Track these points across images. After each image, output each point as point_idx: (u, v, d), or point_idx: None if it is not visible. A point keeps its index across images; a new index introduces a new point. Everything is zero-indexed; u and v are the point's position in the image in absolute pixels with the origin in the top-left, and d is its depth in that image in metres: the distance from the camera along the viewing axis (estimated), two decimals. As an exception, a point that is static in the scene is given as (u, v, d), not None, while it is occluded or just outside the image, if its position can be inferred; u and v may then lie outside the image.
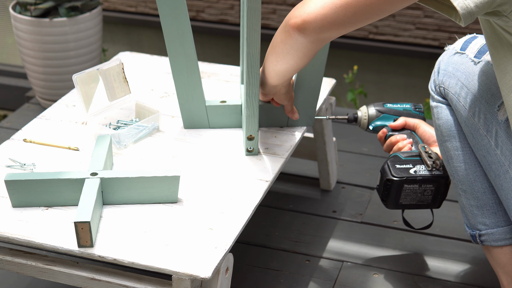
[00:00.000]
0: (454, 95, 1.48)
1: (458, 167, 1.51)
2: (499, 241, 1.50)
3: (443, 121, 1.52)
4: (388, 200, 1.61)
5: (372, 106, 1.75)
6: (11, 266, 1.40)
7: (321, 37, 1.30)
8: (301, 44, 1.32)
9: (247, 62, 1.47)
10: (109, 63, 1.65)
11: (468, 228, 1.55)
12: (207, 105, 1.65)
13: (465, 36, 1.54)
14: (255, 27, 1.43)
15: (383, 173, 1.60)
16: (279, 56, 1.39)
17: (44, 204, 1.42)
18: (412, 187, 1.59)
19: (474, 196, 1.50)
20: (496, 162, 1.41)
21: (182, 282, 1.28)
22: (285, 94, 1.58)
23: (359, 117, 1.75)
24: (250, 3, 1.40)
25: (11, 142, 1.63)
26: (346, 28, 1.28)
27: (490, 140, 1.42)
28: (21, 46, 2.44)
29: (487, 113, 1.42)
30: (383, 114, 1.73)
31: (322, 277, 1.74)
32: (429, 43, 2.86)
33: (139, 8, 3.14)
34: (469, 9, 1.20)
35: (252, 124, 1.56)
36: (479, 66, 1.46)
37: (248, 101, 1.53)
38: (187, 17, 1.53)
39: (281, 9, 2.95)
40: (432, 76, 1.55)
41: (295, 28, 1.30)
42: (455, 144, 1.51)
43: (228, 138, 1.65)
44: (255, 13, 1.41)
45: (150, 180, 1.41)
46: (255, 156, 1.59)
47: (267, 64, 1.45)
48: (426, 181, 1.59)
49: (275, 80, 1.48)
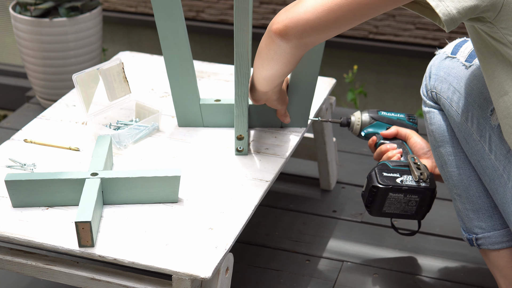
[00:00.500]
0: (446, 100, 1.47)
1: (452, 172, 1.50)
2: (496, 244, 1.49)
3: (436, 126, 1.52)
4: (372, 207, 1.61)
5: (366, 112, 1.74)
6: (11, 266, 1.40)
7: (303, 42, 1.30)
8: (284, 49, 1.32)
9: (236, 62, 1.47)
10: (109, 63, 1.65)
11: (464, 232, 1.54)
12: (201, 103, 1.66)
13: (456, 40, 1.53)
14: (243, 27, 1.43)
15: (369, 179, 1.60)
16: (264, 62, 1.39)
17: (44, 204, 1.42)
18: (397, 196, 1.59)
19: (469, 200, 1.50)
20: (491, 167, 1.41)
21: (182, 282, 1.28)
22: (277, 101, 1.57)
23: (352, 122, 1.74)
24: (238, 3, 1.41)
25: (11, 142, 1.63)
26: (328, 33, 1.28)
27: (483, 145, 1.41)
28: (21, 46, 2.44)
29: (480, 118, 1.41)
30: (376, 121, 1.73)
31: (322, 277, 1.74)
32: (429, 43, 2.86)
33: (139, 8, 3.14)
34: (451, 15, 1.19)
35: (241, 124, 1.56)
36: (470, 70, 1.45)
37: (237, 101, 1.53)
38: (181, 15, 1.53)
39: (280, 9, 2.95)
40: (424, 81, 1.54)
41: (277, 33, 1.30)
42: (449, 149, 1.50)
43: (228, 138, 1.65)
44: (243, 13, 1.42)
45: (150, 180, 1.41)
46: (255, 156, 1.59)
47: (255, 69, 1.46)
48: (412, 192, 1.58)
49: (263, 86, 1.48)
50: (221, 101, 1.66)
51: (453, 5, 1.19)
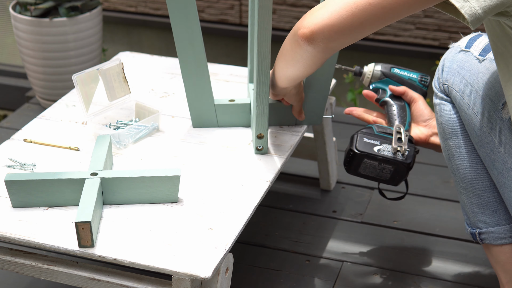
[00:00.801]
0: (458, 93, 1.48)
1: (460, 165, 1.51)
2: (499, 239, 1.50)
3: (445, 118, 1.53)
4: (349, 167, 1.65)
5: (379, 66, 1.75)
6: (11, 266, 1.40)
7: (329, 47, 1.32)
8: (310, 53, 1.34)
9: (258, 61, 1.48)
10: (109, 63, 1.65)
11: (468, 226, 1.55)
12: (215, 104, 1.66)
13: (470, 34, 1.54)
14: (266, 26, 1.44)
15: (350, 141, 1.64)
16: (288, 63, 1.42)
17: (44, 204, 1.42)
18: (371, 163, 1.62)
19: (475, 194, 1.51)
20: (500, 159, 1.42)
21: (182, 282, 1.28)
22: (296, 95, 1.61)
23: (364, 73, 1.76)
24: (262, 1, 1.41)
25: (11, 142, 1.63)
26: (353, 36, 1.30)
27: (493, 138, 1.42)
28: (21, 46, 2.44)
29: (491, 111, 1.42)
30: (386, 78, 1.74)
31: (322, 277, 1.74)
32: (429, 43, 2.86)
33: (139, 8, 3.14)
34: (477, 15, 1.19)
35: (262, 123, 1.57)
36: (483, 64, 1.46)
37: (258, 100, 1.53)
38: (196, 16, 1.53)
39: (281, 9, 2.95)
40: (436, 74, 1.56)
41: (303, 38, 1.32)
42: (457, 142, 1.51)
43: (228, 138, 1.65)
44: (267, 12, 1.42)
45: (150, 180, 1.41)
46: (256, 156, 1.59)
47: (277, 68, 1.48)
48: (386, 162, 1.61)
49: (285, 83, 1.51)
50: (235, 101, 1.67)
51: (479, 5, 1.19)
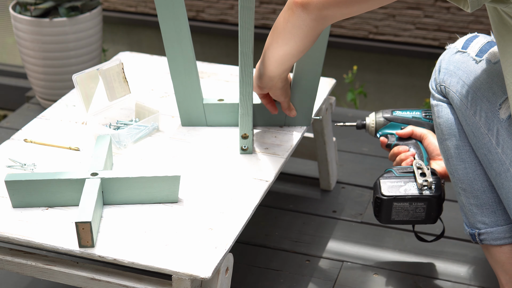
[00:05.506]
0: (455, 94, 1.48)
1: (458, 166, 1.51)
2: (498, 240, 1.50)
3: (443, 119, 1.53)
4: (380, 216, 1.61)
5: (380, 113, 1.74)
6: (11, 266, 1.40)
7: (324, 14, 1.30)
8: (303, 21, 1.32)
9: (241, 61, 1.48)
10: (109, 63, 1.65)
11: (467, 227, 1.55)
12: (204, 103, 1.66)
13: (467, 35, 1.54)
14: (248, 26, 1.44)
15: (374, 190, 1.61)
16: (279, 37, 1.39)
17: (44, 204, 1.42)
18: (402, 205, 1.58)
19: (474, 195, 1.51)
20: (497, 160, 1.42)
21: (182, 282, 1.28)
22: (281, 89, 1.57)
23: (367, 125, 1.76)
24: (243, 2, 1.42)
25: (11, 142, 1.63)
26: (349, 7, 1.28)
27: (491, 139, 1.42)
28: (21, 46, 2.44)
29: (488, 111, 1.42)
30: (391, 122, 1.73)
31: (322, 277, 1.74)
32: (429, 43, 2.86)
33: (139, 8, 3.14)
34: None
35: (246, 123, 1.56)
36: (480, 65, 1.46)
37: (242, 100, 1.53)
38: (185, 15, 1.53)
39: (281, 9, 2.95)
40: (433, 75, 1.56)
41: (298, 4, 1.30)
42: (455, 143, 1.51)
43: (228, 138, 1.65)
44: (248, 12, 1.43)
45: (150, 180, 1.41)
46: (255, 156, 1.59)
47: (267, 51, 1.45)
48: (416, 200, 1.58)
49: (274, 67, 1.47)
50: (224, 101, 1.67)
51: None
